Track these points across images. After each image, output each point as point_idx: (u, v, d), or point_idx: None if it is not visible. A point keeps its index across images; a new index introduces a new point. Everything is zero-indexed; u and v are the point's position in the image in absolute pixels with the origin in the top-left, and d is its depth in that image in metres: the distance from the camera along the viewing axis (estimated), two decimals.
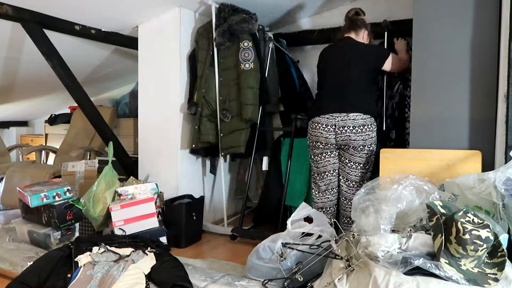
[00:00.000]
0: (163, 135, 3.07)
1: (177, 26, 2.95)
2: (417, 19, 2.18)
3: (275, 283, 1.81)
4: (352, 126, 2.27)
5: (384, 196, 1.79)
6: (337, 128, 2.29)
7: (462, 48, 2.06)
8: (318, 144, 2.38)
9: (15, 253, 2.25)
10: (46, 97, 4.62)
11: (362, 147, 2.30)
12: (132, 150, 3.99)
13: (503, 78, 1.86)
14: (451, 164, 2.02)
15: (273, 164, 3.12)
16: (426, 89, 2.15)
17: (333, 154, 2.41)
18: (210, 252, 2.68)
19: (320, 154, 2.41)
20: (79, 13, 2.85)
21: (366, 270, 1.49)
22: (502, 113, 1.87)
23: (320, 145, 2.38)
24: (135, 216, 2.49)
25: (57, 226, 2.34)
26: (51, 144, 4.74)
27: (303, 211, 2.08)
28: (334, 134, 2.31)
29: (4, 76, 3.64)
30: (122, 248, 2.05)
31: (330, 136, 2.32)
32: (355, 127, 2.27)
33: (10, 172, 3.51)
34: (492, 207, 1.72)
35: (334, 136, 2.31)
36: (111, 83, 4.69)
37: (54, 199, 2.35)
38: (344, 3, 3.35)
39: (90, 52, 3.53)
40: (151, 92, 3.13)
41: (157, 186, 2.75)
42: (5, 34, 2.90)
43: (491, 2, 1.99)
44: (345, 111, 2.28)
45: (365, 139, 2.29)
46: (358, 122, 2.27)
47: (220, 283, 1.82)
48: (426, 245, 1.52)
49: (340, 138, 2.30)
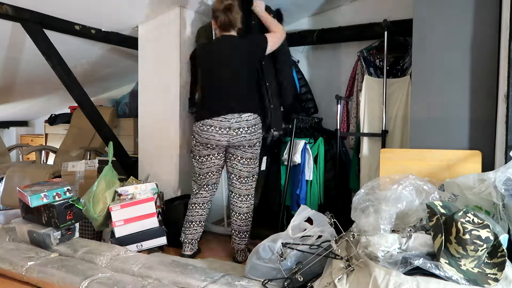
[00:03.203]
0: (163, 135, 3.07)
1: (177, 26, 2.95)
2: (417, 19, 2.18)
3: (275, 283, 1.80)
4: (246, 127, 2.33)
5: (384, 196, 1.79)
6: (232, 130, 2.31)
7: (462, 48, 2.06)
8: (208, 146, 2.38)
9: (15, 253, 2.25)
10: (46, 97, 4.62)
11: (254, 144, 2.42)
12: (132, 150, 3.99)
13: (503, 78, 1.86)
14: (451, 164, 2.02)
15: (273, 164, 3.12)
16: (426, 89, 2.15)
17: (220, 155, 2.44)
18: (210, 252, 2.68)
19: (207, 155, 2.42)
20: (79, 13, 2.85)
21: (366, 270, 1.49)
22: (502, 113, 1.87)
23: (210, 146, 2.38)
24: (135, 216, 2.49)
25: (57, 226, 2.33)
26: (51, 144, 4.74)
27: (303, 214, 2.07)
28: (228, 137, 2.33)
29: (4, 76, 3.64)
30: None
31: (222, 138, 2.33)
32: (249, 127, 2.34)
33: (10, 172, 3.51)
34: (492, 207, 1.72)
35: (227, 138, 2.33)
36: (111, 83, 4.69)
37: (54, 199, 2.35)
38: (344, 3, 3.36)
39: (90, 52, 3.53)
40: (151, 92, 3.13)
41: (157, 186, 2.75)
42: (5, 34, 2.90)
43: (491, 2, 1.99)
44: (238, 112, 2.32)
45: (258, 138, 2.42)
46: (251, 122, 2.34)
47: (220, 283, 1.82)
48: (426, 245, 1.52)
49: (236, 140, 2.33)
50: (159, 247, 2.58)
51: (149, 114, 3.15)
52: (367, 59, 2.95)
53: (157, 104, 3.09)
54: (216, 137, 2.33)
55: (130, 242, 2.45)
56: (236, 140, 2.33)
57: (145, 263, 2.05)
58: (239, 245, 2.52)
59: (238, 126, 2.31)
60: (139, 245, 2.48)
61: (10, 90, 4.09)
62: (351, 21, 3.25)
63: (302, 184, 2.91)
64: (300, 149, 2.89)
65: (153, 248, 2.53)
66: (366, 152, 2.82)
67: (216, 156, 2.43)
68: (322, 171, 2.96)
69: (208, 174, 2.48)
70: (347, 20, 3.30)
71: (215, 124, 2.32)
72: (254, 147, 2.43)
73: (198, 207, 2.55)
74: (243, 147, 2.38)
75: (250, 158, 2.43)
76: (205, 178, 2.50)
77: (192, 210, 2.56)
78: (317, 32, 3.30)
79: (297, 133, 2.93)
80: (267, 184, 3.15)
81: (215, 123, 2.32)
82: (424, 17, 2.15)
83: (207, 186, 2.54)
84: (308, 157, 2.92)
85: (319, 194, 2.96)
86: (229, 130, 2.31)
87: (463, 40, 2.05)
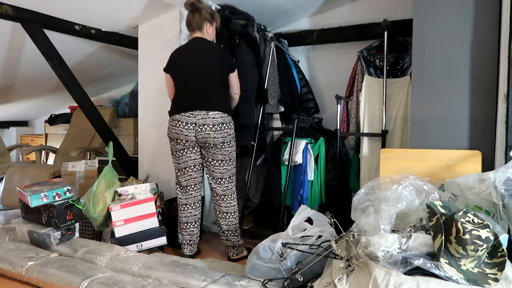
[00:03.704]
0: (163, 135, 3.06)
1: (177, 26, 2.94)
2: (417, 19, 2.18)
3: (275, 283, 1.80)
4: (212, 124, 2.33)
5: (384, 196, 1.79)
6: (197, 126, 2.33)
7: (462, 48, 2.06)
8: (179, 141, 2.40)
9: (15, 253, 2.25)
10: (46, 97, 4.62)
11: (222, 144, 2.37)
12: (132, 150, 3.99)
13: (503, 78, 1.86)
14: (451, 164, 2.02)
15: (273, 164, 3.12)
16: (426, 89, 2.14)
17: (195, 150, 2.44)
18: (210, 252, 2.68)
19: (182, 150, 2.43)
20: (79, 13, 2.85)
21: (366, 270, 1.49)
22: (502, 113, 1.87)
23: (180, 142, 2.40)
24: (135, 216, 2.49)
25: (57, 226, 2.33)
26: (51, 144, 4.74)
27: (302, 214, 2.07)
28: (194, 132, 2.35)
29: (4, 76, 3.64)
30: None
31: (190, 133, 2.36)
32: (214, 125, 2.33)
33: (10, 172, 3.51)
34: (492, 207, 1.72)
35: (194, 133, 2.35)
36: (111, 83, 4.69)
37: (54, 199, 2.35)
38: (344, 3, 3.36)
39: (90, 52, 3.53)
40: (151, 92, 3.13)
41: (157, 186, 2.75)
42: (5, 34, 2.90)
43: (491, 2, 1.99)
44: (206, 109, 2.33)
45: (224, 137, 2.37)
46: (217, 120, 2.34)
47: (220, 283, 1.82)
48: (426, 245, 1.52)
49: (200, 136, 2.34)
50: (159, 247, 2.58)
51: (149, 114, 3.15)
52: (367, 59, 2.95)
53: (157, 104, 3.09)
54: (184, 132, 2.36)
55: (130, 242, 2.45)
56: (201, 136, 2.34)
57: (145, 263, 2.05)
58: (226, 241, 2.53)
59: (203, 122, 2.32)
60: (139, 245, 2.48)
61: (10, 90, 4.09)
62: (351, 21, 3.25)
63: (305, 185, 2.91)
64: (301, 149, 2.89)
65: (153, 248, 2.53)
66: (366, 152, 2.82)
67: (191, 151, 2.44)
68: (323, 171, 2.96)
69: (186, 169, 2.48)
70: (347, 20, 3.29)
71: (183, 120, 2.36)
72: (224, 149, 2.39)
73: (190, 207, 2.55)
74: (212, 148, 2.37)
75: (222, 160, 2.42)
76: (184, 174, 2.50)
77: (184, 211, 2.55)
78: (317, 32, 3.30)
79: (298, 133, 2.93)
80: (267, 184, 3.15)
81: (183, 118, 2.36)
82: (424, 17, 2.15)
83: (194, 185, 2.54)
84: (309, 157, 2.92)
85: (320, 194, 2.96)
86: (195, 126, 2.33)
87: (463, 40, 2.05)
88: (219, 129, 2.34)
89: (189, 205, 2.55)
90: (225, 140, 2.38)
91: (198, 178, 2.54)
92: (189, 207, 2.54)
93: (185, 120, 2.35)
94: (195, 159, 2.47)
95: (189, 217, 2.54)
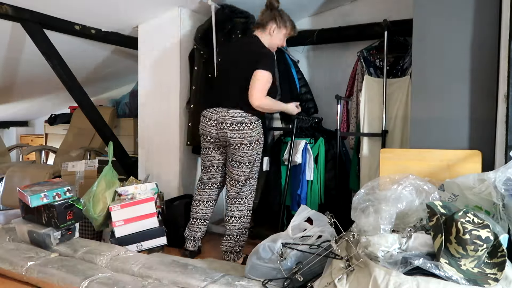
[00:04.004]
0: (163, 135, 3.07)
1: (177, 26, 2.95)
2: (417, 19, 2.18)
3: (275, 283, 1.80)
4: (229, 123, 2.27)
5: (384, 196, 1.79)
6: (218, 123, 2.31)
7: (462, 48, 2.06)
8: (205, 138, 2.40)
9: (15, 253, 2.25)
10: (46, 97, 4.62)
11: (239, 145, 2.29)
12: (132, 150, 3.99)
13: (503, 78, 1.86)
14: (451, 164, 2.02)
15: (273, 164, 3.11)
16: (426, 89, 2.14)
17: (220, 151, 2.44)
18: (210, 252, 2.68)
19: (208, 148, 2.44)
20: (79, 13, 2.85)
21: (366, 270, 1.49)
22: (502, 113, 1.87)
23: (206, 138, 2.40)
24: (135, 216, 2.49)
25: (57, 226, 2.33)
26: (51, 144, 4.74)
27: (303, 214, 2.07)
28: (215, 129, 2.33)
29: (4, 76, 3.64)
30: None
31: (212, 130, 2.34)
32: (232, 124, 2.27)
33: (10, 172, 3.51)
34: (492, 207, 1.72)
35: (215, 131, 2.33)
36: (111, 83, 4.69)
37: (54, 199, 2.35)
38: (344, 3, 3.36)
39: (90, 52, 3.53)
40: (151, 92, 3.13)
41: (157, 186, 2.75)
42: (5, 34, 2.90)
43: (491, 2, 1.99)
44: (226, 107, 2.29)
45: (242, 138, 2.27)
46: (236, 119, 2.27)
47: (220, 283, 1.82)
48: (426, 245, 1.52)
49: (220, 134, 2.32)
50: (159, 247, 2.58)
51: (149, 114, 3.15)
52: (367, 59, 2.95)
53: (157, 104, 3.09)
54: (207, 128, 2.36)
55: (130, 242, 2.45)
56: (221, 134, 2.32)
57: (145, 263, 2.05)
58: (221, 245, 2.48)
59: (222, 120, 2.29)
60: (139, 245, 2.48)
61: (10, 90, 4.09)
62: (351, 21, 3.25)
63: (303, 184, 2.91)
64: (301, 149, 2.89)
65: (153, 248, 2.53)
66: (366, 152, 2.82)
67: (217, 151, 2.44)
68: (322, 171, 2.96)
69: (209, 168, 2.49)
70: (347, 20, 3.30)
71: (207, 115, 2.36)
72: (242, 150, 2.30)
73: (202, 205, 2.55)
74: (231, 147, 2.32)
75: (239, 162, 2.34)
76: (207, 173, 2.51)
77: (196, 206, 2.56)
78: (317, 32, 3.29)
79: (298, 133, 2.93)
80: (267, 184, 3.15)
81: (207, 114, 2.36)
82: (424, 17, 2.15)
83: (212, 184, 2.54)
84: (309, 157, 2.92)
85: (320, 194, 2.96)
86: (216, 123, 2.32)
87: (463, 40, 2.05)
88: (237, 129, 2.26)
89: (202, 202, 2.55)
90: (244, 141, 2.28)
91: (218, 179, 2.54)
92: (201, 204, 2.55)
93: (209, 116, 2.34)
94: (219, 160, 2.47)
95: (199, 214, 2.55)
